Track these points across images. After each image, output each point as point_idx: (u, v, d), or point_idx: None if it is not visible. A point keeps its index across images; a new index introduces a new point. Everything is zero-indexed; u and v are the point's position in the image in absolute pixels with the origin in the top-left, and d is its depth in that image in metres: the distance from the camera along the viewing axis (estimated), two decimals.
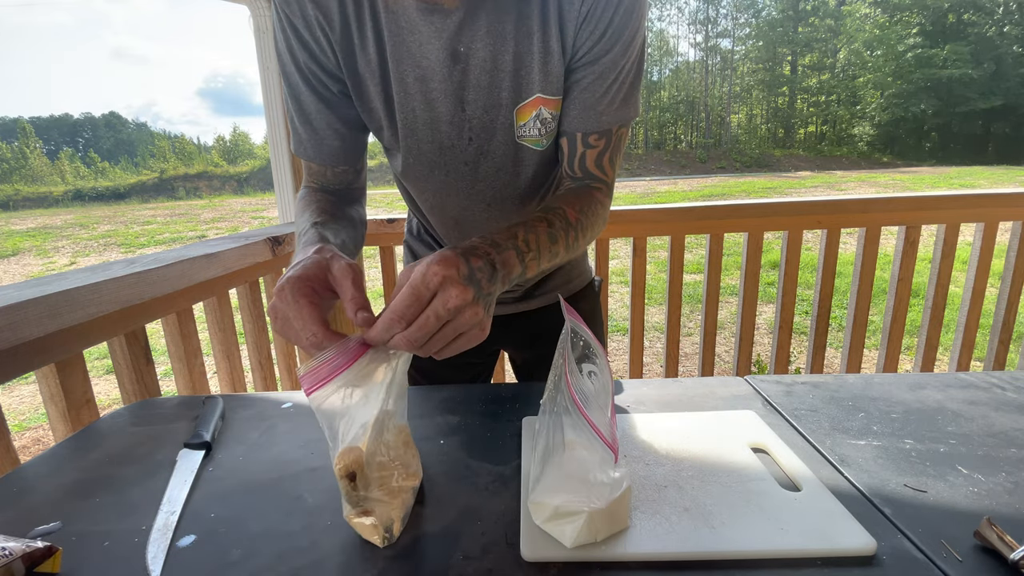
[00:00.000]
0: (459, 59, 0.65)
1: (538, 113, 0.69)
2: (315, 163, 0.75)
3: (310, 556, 0.44)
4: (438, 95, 0.68)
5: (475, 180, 0.75)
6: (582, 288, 0.97)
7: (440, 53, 0.65)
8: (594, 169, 0.73)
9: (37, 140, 51.50)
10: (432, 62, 0.66)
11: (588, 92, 0.68)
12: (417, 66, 0.66)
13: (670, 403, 0.70)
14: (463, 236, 0.82)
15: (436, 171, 0.75)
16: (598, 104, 0.68)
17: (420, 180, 0.77)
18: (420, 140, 0.71)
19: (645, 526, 0.45)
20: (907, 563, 0.42)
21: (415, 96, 0.68)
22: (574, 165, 0.73)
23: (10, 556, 0.40)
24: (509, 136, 0.71)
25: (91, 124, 78.35)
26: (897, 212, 1.66)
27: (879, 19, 32.56)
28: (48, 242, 9.57)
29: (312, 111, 0.71)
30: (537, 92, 0.68)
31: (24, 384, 3.43)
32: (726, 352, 3.50)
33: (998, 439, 0.59)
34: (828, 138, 37.09)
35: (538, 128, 0.71)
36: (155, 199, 27.48)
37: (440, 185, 0.77)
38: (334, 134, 0.72)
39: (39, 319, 0.70)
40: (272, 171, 1.63)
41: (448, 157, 0.73)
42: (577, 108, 0.69)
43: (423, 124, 0.70)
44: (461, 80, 0.67)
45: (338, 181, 0.77)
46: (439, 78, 0.66)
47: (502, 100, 0.68)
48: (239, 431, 0.66)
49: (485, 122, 0.70)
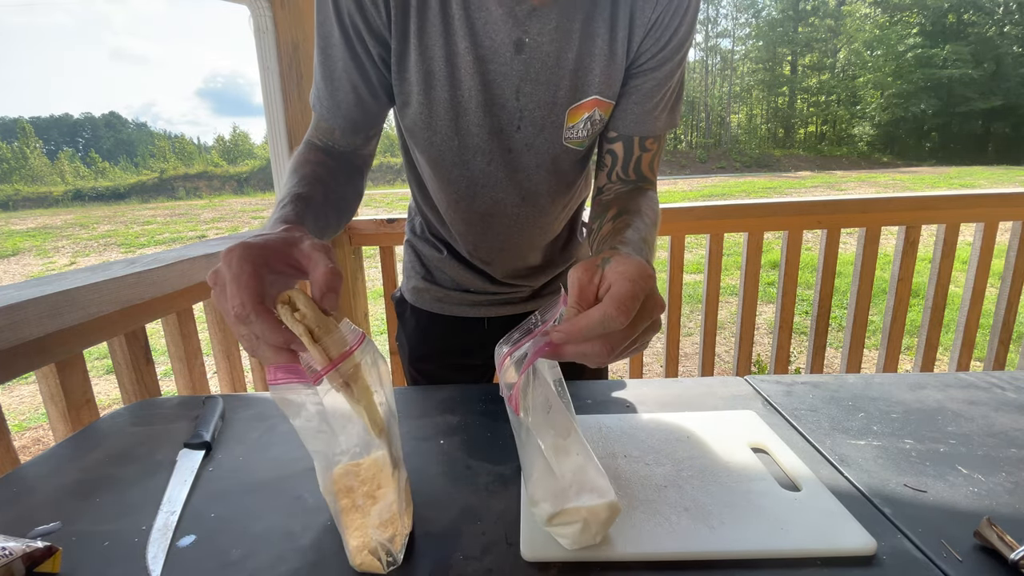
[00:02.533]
0: (523, 49, 0.65)
1: (591, 115, 0.70)
2: (325, 122, 0.72)
3: (310, 556, 0.44)
4: (496, 78, 0.66)
5: (515, 171, 0.74)
6: None
7: (506, 38, 0.64)
8: (647, 172, 0.75)
9: (37, 140, 51.50)
10: (496, 44, 0.64)
11: (648, 97, 0.69)
12: (479, 45, 0.65)
13: (670, 403, 0.70)
14: (487, 230, 0.81)
15: (478, 156, 0.72)
16: (655, 109, 0.70)
17: (454, 168, 0.74)
18: (470, 122, 0.69)
19: (645, 526, 0.45)
20: (907, 563, 0.42)
21: (472, 75, 0.66)
22: (628, 169, 0.74)
23: (10, 556, 0.40)
24: (556, 135, 0.71)
25: (91, 124, 78.35)
26: (897, 212, 1.66)
27: (879, 19, 32.57)
28: (48, 242, 9.57)
29: (339, 65, 0.67)
30: (595, 94, 0.68)
31: (24, 384, 3.43)
32: (726, 352, 3.50)
33: (998, 439, 0.59)
34: (828, 138, 37.09)
35: (587, 129, 0.71)
36: (155, 199, 27.49)
37: (476, 174, 0.74)
38: (354, 95, 0.69)
39: (39, 319, 0.70)
40: (272, 171, 1.63)
41: (495, 144, 0.71)
42: (636, 113, 0.70)
43: (476, 105, 0.68)
44: (522, 71, 0.66)
45: (345, 143, 0.73)
46: (499, 62, 0.66)
47: (558, 98, 0.68)
48: (239, 431, 0.66)
49: (536, 117, 0.69)
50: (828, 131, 37.79)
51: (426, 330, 0.95)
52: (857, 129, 34.22)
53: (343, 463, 0.45)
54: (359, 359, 0.43)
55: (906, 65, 29.80)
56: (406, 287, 0.97)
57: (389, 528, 0.44)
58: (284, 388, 0.42)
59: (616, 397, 0.72)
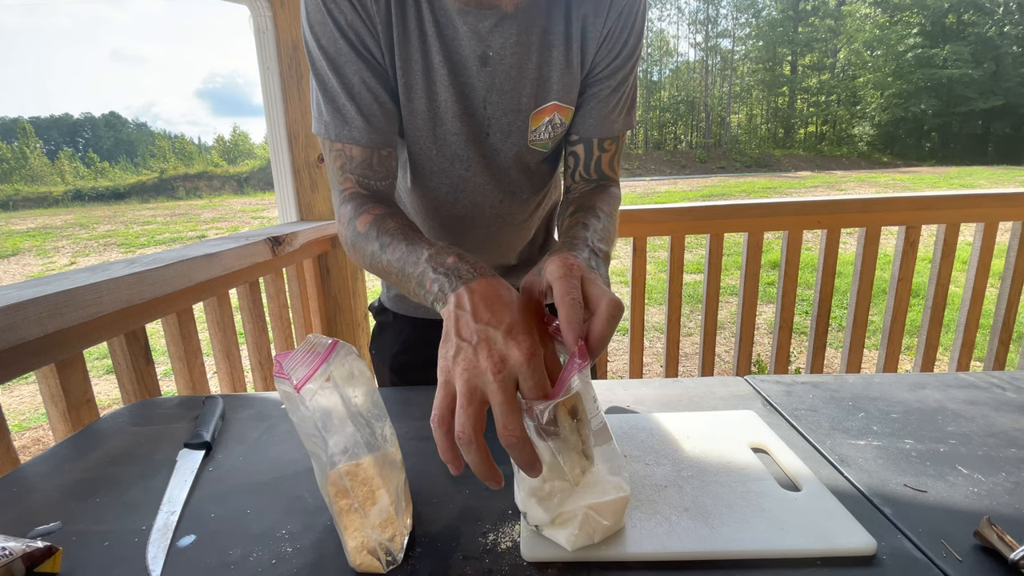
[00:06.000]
0: (487, 62, 0.69)
1: (551, 119, 0.75)
2: (361, 146, 0.68)
3: (310, 556, 0.44)
4: (465, 89, 0.71)
5: (491, 175, 0.78)
6: None
7: (471, 52, 0.68)
8: (607, 171, 0.81)
9: (37, 140, 51.51)
10: (463, 58, 0.69)
11: (604, 103, 0.75)
12: (450, 59, 0.69)
13: (670, 403, 0.70)
14: (467, 233, 0.84)
15: (456, 163, 0.76)
16: (612, 113, 0.76)
17: (433, 175, 0.77)
18: (447, 131, 0.73)
19: (645, 526, 0.45)
20: (907, 563, 0.42)
21: (447, 87, 0.69)
22: (590, 169, 0.80)
23: (10, 556, 0.40)
24: (522, 139, 0.76)
25: (91, 124, 78.34)
26: (897, 212, 1.66)
27: (879, 19, 32.56)
28: (48, 242, 9.57)
29: (355, 80, 0.66)
30: (554, 99, 0.73)
31: (24, 384, 3.43)
32: (726, 352, 3.50)
33: (998, 439, 0.59)
34: (828, 138, 37.09)
35: (549, 132, 0.76)
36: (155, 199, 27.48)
37: (456, 179, 0.78)
38: (380, 109, 0.67)
39: (39, 319, 0.70)
40: (272, 171, 1.63)
41: (471, 151, 0.75)
42: (594, 117, 0.76)
43: (452, 115, 0.71)
44: (488, 82, 0.70)
45: (384, 171, 0.70)
46: (467, 74, 0.70)
47: (521, 105, 0.73)
48: (239, 431, 0.66)
49: (503, 123, 0.74)
50: (828, 131, 37.78)
51: (409, 336, 0.96)
52: (857, 129, 34.22)
53: (342, 464, 0.45)
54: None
55: (906, 65, 29.80)
56: (387, 296, 0.99)
57: (389, 528, 0.44)
58: None
59: (616, 397, 0.72)
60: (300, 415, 0.43)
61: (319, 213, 1.65)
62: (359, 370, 0.47)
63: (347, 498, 0.45)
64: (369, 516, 0.44)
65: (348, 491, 0.45)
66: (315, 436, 0.43)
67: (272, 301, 1.45)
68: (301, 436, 0.44)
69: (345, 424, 0.45)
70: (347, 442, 0.45)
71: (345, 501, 0.45)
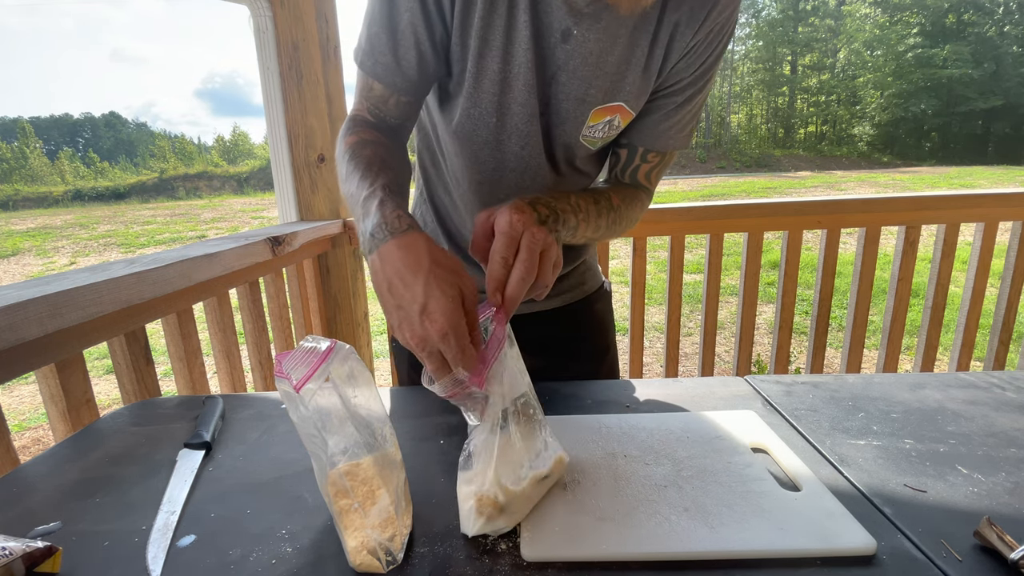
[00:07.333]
0: (568, 39, 0.64)
1: (611, 119, 0.70)
2: (382, 84, 0.66)
3: (310, 556, 0.44)
4: (540, 61, 0.66)
5: (545, 159, 0.73)
6: (595, 290, 0.96)
7: (557, 24, 0.63)
8: (643, 180, 0.78)
9: (37, 140, 51.51)
10: (547, 26, 0.64)
11: (666, 117, 0.71)
12: (533, 23, 0.63)
13: (670, 403, 0.70)
14: (492, 193, 0.77)
15: (513, 138, 0.70)
16: (670, 129, 0.72)
17: (485, 147, 0.72)
18: (513, 99, 0.67)
19: (645, 526, 0.45)
20: (907, 563, 0.42)
21: (525, 51, 0.64)
22: (626, 173, 0.77)
23: (10, 556, 0.40)
24: (576, 129, 0.71)
25: (91, 124, 78.36)
26: (897, 212, 1.66)
27: (879, 19, 32.56)
28: (48, 242, 9.57)
29: (404, 17, 0.62)
30: (622, 100, 0.69)
31: (24, 384, 3.43)
32: (726, 352, 3.50)
33: (998, 439, 0.59)
34: (828, 138, 37.07)
35: (604, 132, 0.72)
36: (155, 199, 27.47)
37: (508, 156, 0.72)
38: (416, 53, 0.64)
39: (39, 319, 0.70)
40: (272, 171, 1.63)
41: (532, 127, 0.70)
42: (649, 127, 0.72)
43: (523, 84, 0.66)
44: (562, 60, 0.65)
45: (398, 113, 0.69)
46: (543, 45, 0.65)
47: (588, 96, 0.68)
48: (239, 431, 0.66)
49: (562, 109, 0.69)
50: (828, 131, 37.77)
51: None
52: (857, 129, 34.22)
53: (342, 464, 0.45)
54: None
55: (906, 65, 29.79)
56: None
57: (389, 528, 0.44)
58: None
59: (616, 397, 0.72)
60: (300, 415, 0.43)
61: (319, 213, 1.65)
62: (358, 370, 0.47)
63: (347, 498, 0.45)
64: (369, 516, 0.44)
65: (348, 491, 0.45)
66: (315, 436, 0.43)
67: (272, 301, 1.45)
68: (301, 436, 0.44)
69: (345, 424, 0.45)
70: (347, 442, 0.45)
71: (345, 501, 0.45)
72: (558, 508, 0.48)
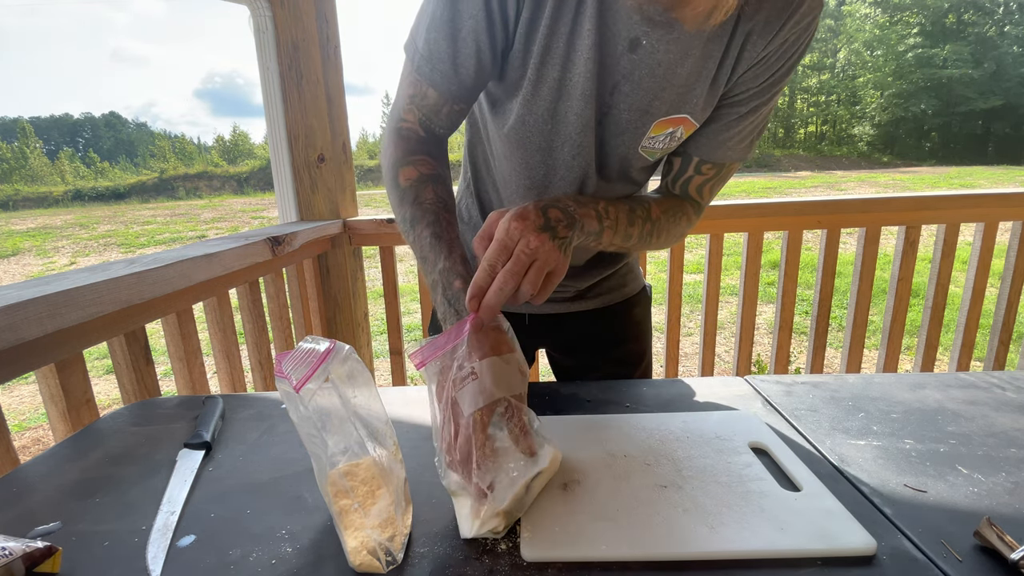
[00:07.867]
0: (636, 49, 0.61)
1: (674, 131, 0.68)
2: (437, 92, 0.65)
3: (310, 556, 0.44)
4: (601, 70, 0.63)
5: (596, 168, 0.71)
6: (635, 294, 0.94)
7: (624, 32, 0.60)
8: (694, 194, 0.75)
9: (37, 140, 51.53)
10: (614, 35, 0.61)
11: (726, 128, 0.68)
12: (598, 30, 0.60)
13: (670, 403, 0.70)
14: (540, 197, 0.73)
15: (566, 146, 0.69)
16: (729, 140, 0.69)
17: (537, 152, 0.70)
18: (569, 108, 0.65)
19: (645, 526, 0.45)
20: (907, 563, 0.42)
21: (586, 60, 0.62)
22: (677, 184, 0.74)
23: (10, 556, 0.40)
24: (635, 141, 0.68)
25: (91, 124, 78.37)
26: (897, 212, 1.66)
27: (879, 19, 32.56)
28: (48, 242, 9.57)
29: (468, 23, 0.60)
30: (687, 113, 0.66)
31: (24, 384, 3.43)
32: (726, 352, 3.50)
33: (998, 439, 0.59)
34: (828, 138, 37.09)
35: (665, 143, 0.69)
36: (155, 199, 27.48)
37: (559, 164, 0.71)
38: (476, 65, 0.62)
39: (39, 319, 0.70)
40: (272, 171, 1.63)
41: (585, 137, 0.68)
42: (707, 137, 0.69)
43: (580, 93, 0.64)
44: (627, 70, 0.63)
45: (449, 122, 0.68)
46: (607, 53, 0.62)
47: (652, 108, 0.65)
48: (239, 431, 0.66)
49: (622, 120, 0.66)
50: (828, 131, 37.78)
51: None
52: (857, 129, 34.23)
53: (342, 463, 0.45)
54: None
55: (906, 65, 29.80)
56: None
57: (389, 528, 0.44)
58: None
59: (616, 397, 0.72)
60: (299, 415, 0.43)
61: (319, 213, 1.65)
62: (358, 370, 0.47)
63: (347, 498, 0.45)
64: (369, 516, 0.44)
65: (348, 491, 0.45)
66: (314, 436, 0.43)
67: (272, 301, 1.45)
68: (301, 436, 0.44)
69: (344, 424, 0.45)
70: (347, 442, 0.45)
71: (345, 501, 0.45)
72: (558, 508, 0.48)
